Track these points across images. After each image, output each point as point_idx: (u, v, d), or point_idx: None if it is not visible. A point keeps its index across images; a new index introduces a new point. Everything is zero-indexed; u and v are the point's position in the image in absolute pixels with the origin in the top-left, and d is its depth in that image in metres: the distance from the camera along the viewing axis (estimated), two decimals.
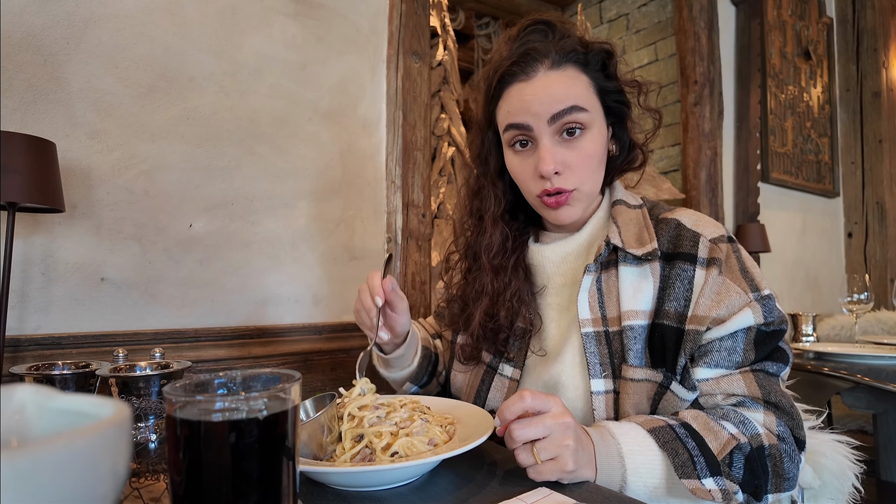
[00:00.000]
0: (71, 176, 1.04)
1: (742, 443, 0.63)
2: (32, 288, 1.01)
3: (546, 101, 0.76)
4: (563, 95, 0.75)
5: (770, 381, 0.70)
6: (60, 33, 1.04)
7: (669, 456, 0.61)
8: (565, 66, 0.77)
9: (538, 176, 0.78)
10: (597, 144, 0.78)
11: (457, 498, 0.55)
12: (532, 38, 0.79)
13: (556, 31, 0.79)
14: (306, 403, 0.67)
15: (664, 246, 0.76)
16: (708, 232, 0.75)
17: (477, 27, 3.75)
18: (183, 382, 0.38)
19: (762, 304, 0.69)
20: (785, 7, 2.96)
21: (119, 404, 0.28)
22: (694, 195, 2.50)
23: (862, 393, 1.49)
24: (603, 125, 0.80)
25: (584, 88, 0.77)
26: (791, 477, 0.65)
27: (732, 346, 0.69)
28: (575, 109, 0.75)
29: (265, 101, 1.28)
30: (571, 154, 0.77)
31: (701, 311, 0.70)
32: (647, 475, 0.62)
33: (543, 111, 0.76)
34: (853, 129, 3.28)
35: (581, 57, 0.77)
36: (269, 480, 0.36)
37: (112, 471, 0.25)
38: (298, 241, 1.33)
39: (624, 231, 0.78)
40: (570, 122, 0.76)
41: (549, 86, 0.76)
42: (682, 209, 0.81)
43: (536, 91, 0.76)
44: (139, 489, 0.57)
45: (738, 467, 0.62)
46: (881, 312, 2.10)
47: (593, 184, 0.80)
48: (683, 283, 0.72)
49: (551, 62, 0.76)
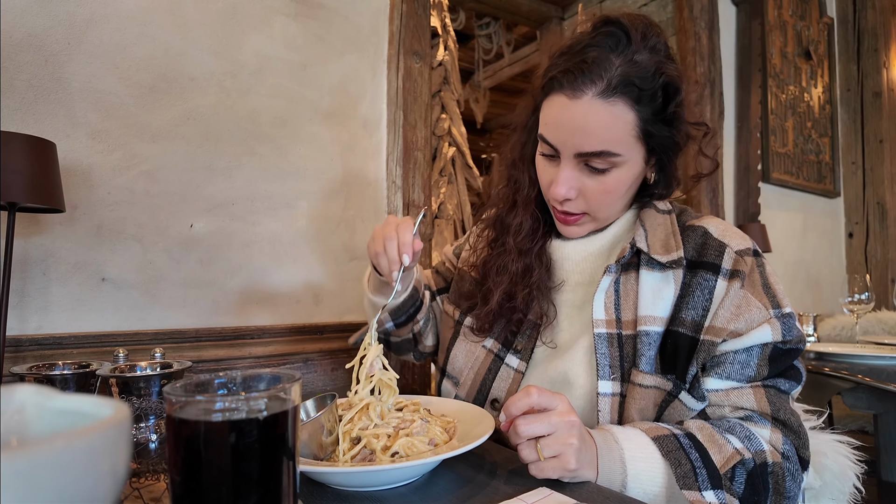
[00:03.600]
0: (72, 176, 1.04)
1: (746, 458, 0.63)
2: (33, 288, 1.01)
3: (578, 136, 0.70)
4: (595, 136, 0.69)
5: (780, 399, 0.69)
6: (61, 33, 1.04)
7: (672, 466, 0.61)
8: (615, 99, 0.68)
9: (555, 199, 0.77)
10: (622, 181, 0.74)
11: (457, 498, 0.55)
12: (600, 44, 0.70)
13: (630, 45, 0.69)
14: (306, 404, 0.67)
15: (689, 253, 0.74)
16: (735, 243, 0.73)
17: (477, 27, 3.75)
18: (183, 382, 0.38)
19: (782, 321, 0.68)
20: (785, 7, 2.96)
21: (119, 404, 0.28)
22: (694, 195, 2.50)
23: (863, 393, 1.49)
24: (639, 161, 0.74)
25: (626, 130, 0.70)
26: (792, 496, 0.64)
27: (747, 360, 0.68)
28: (605, 154, 0.71)
29: (266, 101, 1.28)
30: (591, 183, 0.74)
31: (719, 323, 0.69)
32: (647, 482, 0.61)
33: (572, 144, 0.72)
34: (854, 130, 3.28)
35: (636, 92, 0.68)
36: (269, 480, 0.36)
37: (112, 471, 0.25)
38: (299, 241, 1.33)
39: (651, 235, 0.76)
40: (596, 160, 0.72)
41: (587, 117, 0.69)
42: (710, 217, 0.79)
43: (574, 118, 0.70)
44: (139, 489, 0.57)
45: (739, 482, 0.61)
46: (882, 312, 2.10)
47: (609, 212, 0.79)
48: (704, 292, 0.70)
49: (602, 88, 0.68)
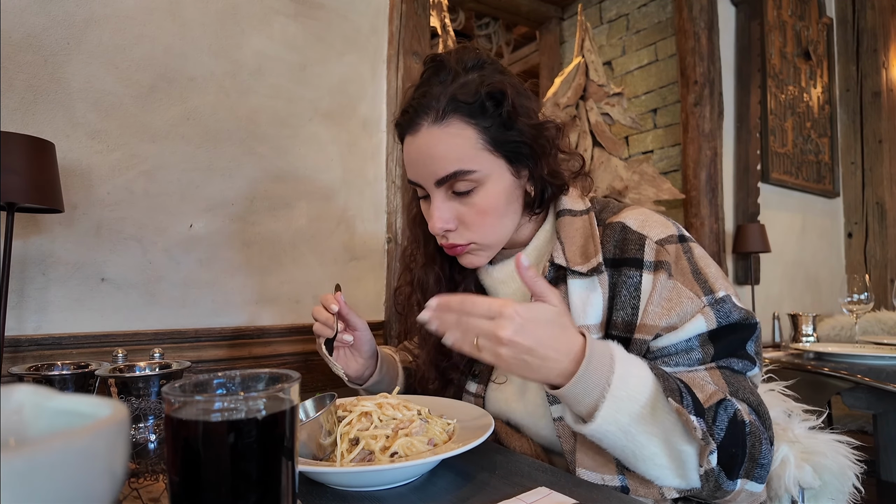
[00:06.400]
0: (71, 176, 1.04)
1: (727, 400, 0.60)
2: (32, 288, 1.01)
3: (430, 164, 0.72)
4: (443, 159, 0.71)
5: (737, 378, 0.66)
6: (61, 33, 1.04)
7: (660, 380, 0.58)
8: (449, 120, 0.70)
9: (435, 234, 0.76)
10: (493, 199, 0.73)
11: (456, 498, 0.55)
12: (426, 82, 0.73)
13: (450, 72, 0.72)
14: (306, 404, 0.67)
15: (610, 252, 0.72)
16: (654, 233, 0.71)
17: (477, 27, 3.75)
18: (182, 382, 0.38)
19: (715, 308, 0.66)
20: (785, 7, 2.96)
21: (117, 404, 0.28)
22: (694, 195, 2.50)
23: (862, 393, 1.49)
24: (503, 175, 0.74)
25: (470, 145, 0.70)
26: (765, 464, 0.61)
27: (688, 347, 0.66)
28: (460, 174, 0.70)
29: (265, 101, 1.28)
30: (465, 209, 0.73)
31: (650, 321, 0.67)
32: (634, 388, 0.57)
33: (428, 174, 0.72)
34: (853, 130, 3.28)
35: (465, 108, 0.70)
36: (268, 481, 0.36)
37: (110, 471, 0.25)
38: (299, 241, 1.33)
39: (568, 246, 0.74)
40: (457, 183, 0.71)
41: (430, 146, 0.71)
42: (630, 209, 0.76)
43: (419, 150, 0.72)
44: (138, 489, 0.57)
45: (720, 426, 0.58)
46: (881, 313, 2.10)
47: (495, 235, 0.76)
48: (630, 290, 0.68)
49: (435, 115, 0.70)
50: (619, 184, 2.32)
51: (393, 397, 0.71)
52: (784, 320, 2.32)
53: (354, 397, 0.74)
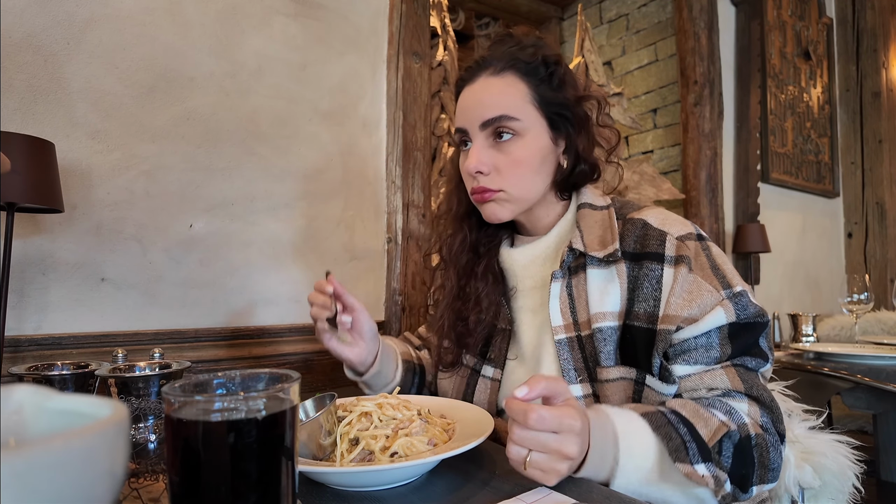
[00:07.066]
0: (71, 176, 1.04)
1: (731, 430, 0.63)
2: (32, 288, 1.01)
3: (479, 108, 0.79)
4: (493, 103, 0.78)
5: (750, 376, 0.69)
6: (61, 33, 1.04)
7: (663, 440, 0.60)
8: (505, 73, 0.79)
9: (469, 174, 0.80)
10: (529, 152, 0.78)
11: (456, 498, 0.55)
12: (496, 45, 0.82)
13: (514, 40, 0.82)
14: (306, 404, 0.67)
15: (630, 246, 0.76)
16: (675, 230, 0.74)
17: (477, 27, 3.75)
18: (181, 382, 0.38)
19: (734, 301, 0.69)
20: (785, 7, 2.96)
21: (117, 404, 0.28)
22: (694, 195, 2.50)
23: (862, 393, 1.49)
24: (542, 135, 0.79)
25: (520, 97, 0.78)
26: (775, 467, 0.64)
27: (708, 342, 0.69)
28: (504, 118, 0.77)
29: (265, 101, 1.28)
30: (501, 157, 0.79)
31: (672, 311, 0.69)
32: (640, 457, 0.61)
33: (476, 117, 0.79)
34: (853, 130, 3.28)
35: (522, 65, 0.79)
36: (268, 480, 0.36)
37: (110, 471, 0.25)
38: (299, 241, 1.33)
39: (587, 234, 0.78)
40: (500, 127, 0.78)
41: (484, 91, 0.79)
42: (650, 208, 0.81)
43: (474, 96, 0.80)
44: (138, 489, 0.57)
45: (727, 455, 0.61)
46: (881, 313, 2.10)
47: (524, 189, 0.80)
48: (651, 282, 0.71)
49: (494, 69, 0.79)
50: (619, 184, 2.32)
51: (393, 397, 0.71)
52: (784, 320, 2.32)
53: (354, 397, 0.74)
